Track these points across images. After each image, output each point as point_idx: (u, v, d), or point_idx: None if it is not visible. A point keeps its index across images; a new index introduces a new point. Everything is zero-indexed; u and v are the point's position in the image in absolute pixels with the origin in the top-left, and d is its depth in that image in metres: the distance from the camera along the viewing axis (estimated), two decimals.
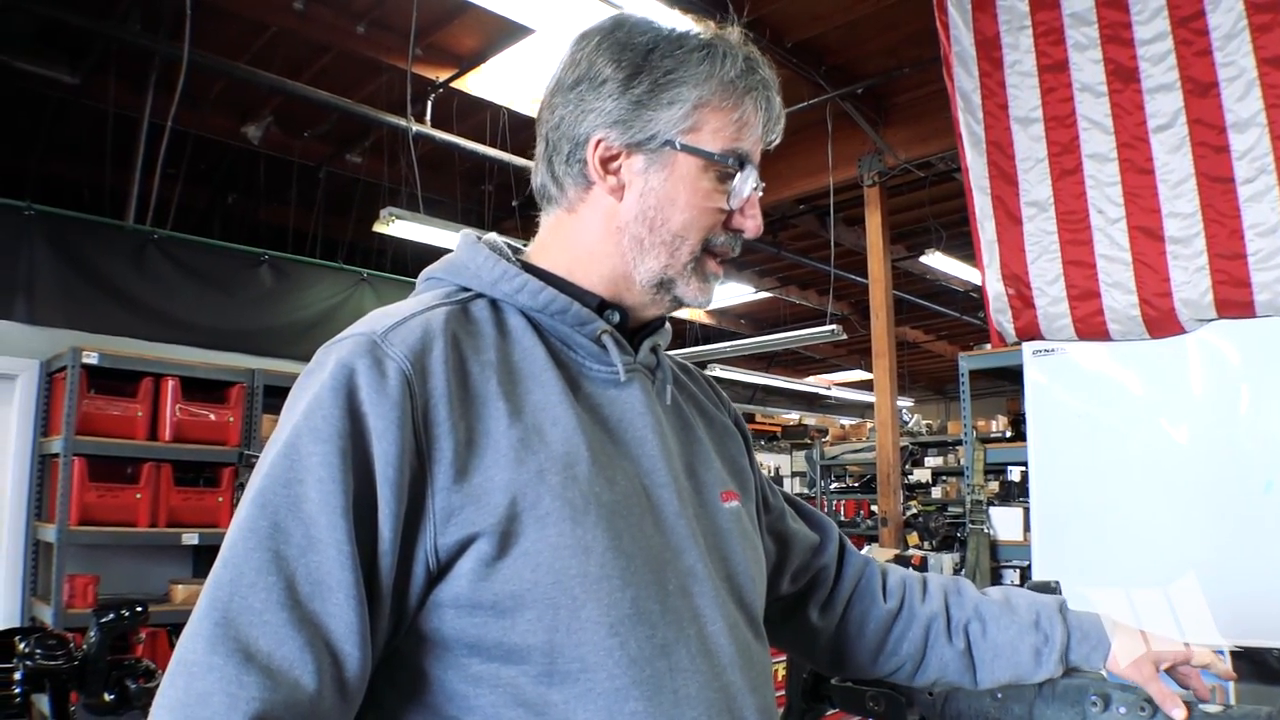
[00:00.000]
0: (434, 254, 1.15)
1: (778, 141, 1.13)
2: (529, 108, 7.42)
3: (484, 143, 7.67)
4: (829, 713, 1.18)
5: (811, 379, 18.70)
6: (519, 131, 7.76)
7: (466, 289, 1.08)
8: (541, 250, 1.13)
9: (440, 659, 0.94)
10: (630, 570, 0.95)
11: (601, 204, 1.08)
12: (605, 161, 1.07)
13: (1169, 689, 1.18)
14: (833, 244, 9.10)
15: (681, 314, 13.70)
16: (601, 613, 0.92)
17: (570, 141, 1.08)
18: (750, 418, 18.83)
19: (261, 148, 8.17)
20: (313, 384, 0.93)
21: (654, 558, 0.98)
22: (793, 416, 20.40)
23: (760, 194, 1.10)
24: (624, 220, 1.07)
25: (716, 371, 13.56)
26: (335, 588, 0.85)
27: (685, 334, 14.79)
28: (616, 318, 1.10)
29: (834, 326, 9.09)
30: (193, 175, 8.27)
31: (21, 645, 3.69)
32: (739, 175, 1.07)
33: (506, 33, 6.46)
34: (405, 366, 0.92)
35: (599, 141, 1.06)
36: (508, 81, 7.27)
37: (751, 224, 1.09)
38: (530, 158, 1.17)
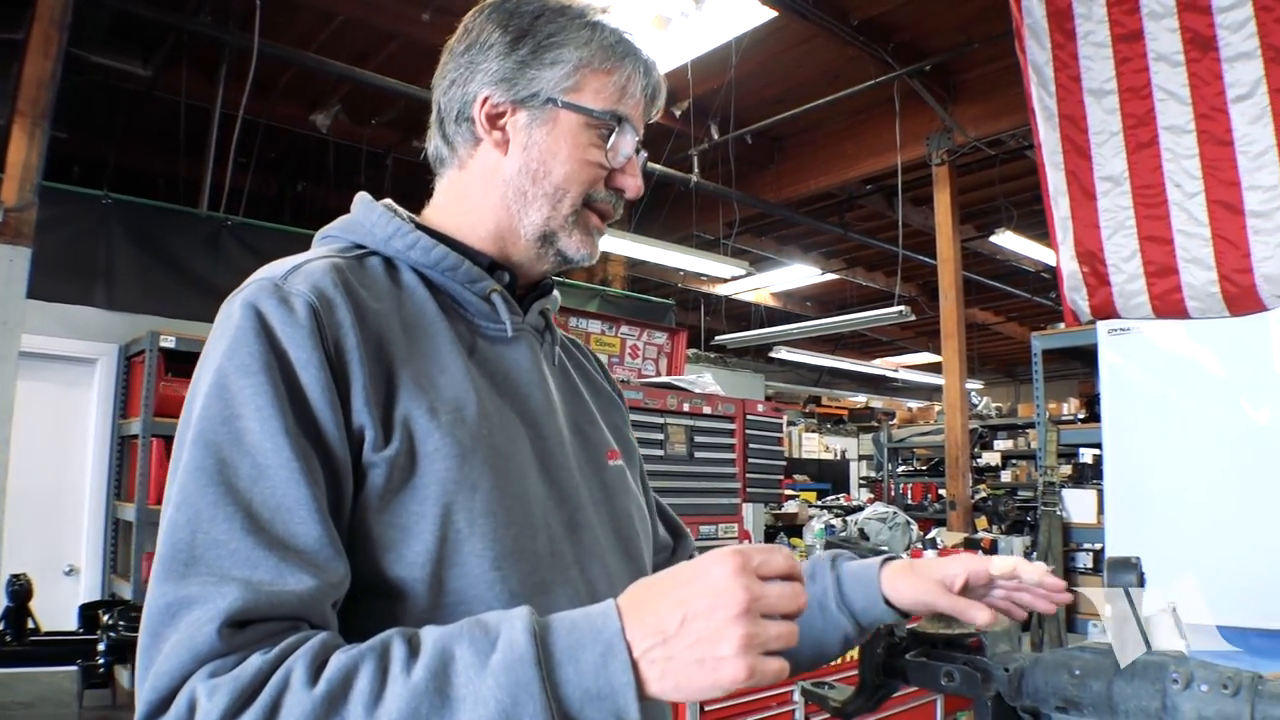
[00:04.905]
0: None
1: (658, 116, 1.20)
2: None
3: None
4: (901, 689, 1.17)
5: (879, 361, 18.52)
6: None
7: (361, 246, 1.10)
8: (434, 211, 1.17)
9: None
10: (515, 509, 0.99)
11: (488, 159, 1.13)
12: (492, 118, 1.11)
13: (964, 600, 1.16)
14: (900, 224, 8.98)
15: (746, 296, 13.65)
16: (485, 547, 0.95)
17: (460, 102, 1.13)
18: (816, 400, 18.72)
19: (330, 135, 8.30)
20: (225, 332, 0.92)
21: (539, 502, 1.03)
22: (859, 400, 20.25)
23: (642, 157, 1.16)
24: (509, 174, 1.11)
25: (782, 354, 13.46)
26: (295, 507, 0.86)
27: (750, 316, 14.73)
28: (506, 278, 1.14)
29: (902, 308, 8.98)
30: (263, 163, 8.40)
31: (105, 618, 3.82)
32: (617, 133, 1.12)
33: None
34: (311, 299, 0.94)
35: (485, 99, 1.11)
36: None
37: (631, 183, 1.14)
38: None
